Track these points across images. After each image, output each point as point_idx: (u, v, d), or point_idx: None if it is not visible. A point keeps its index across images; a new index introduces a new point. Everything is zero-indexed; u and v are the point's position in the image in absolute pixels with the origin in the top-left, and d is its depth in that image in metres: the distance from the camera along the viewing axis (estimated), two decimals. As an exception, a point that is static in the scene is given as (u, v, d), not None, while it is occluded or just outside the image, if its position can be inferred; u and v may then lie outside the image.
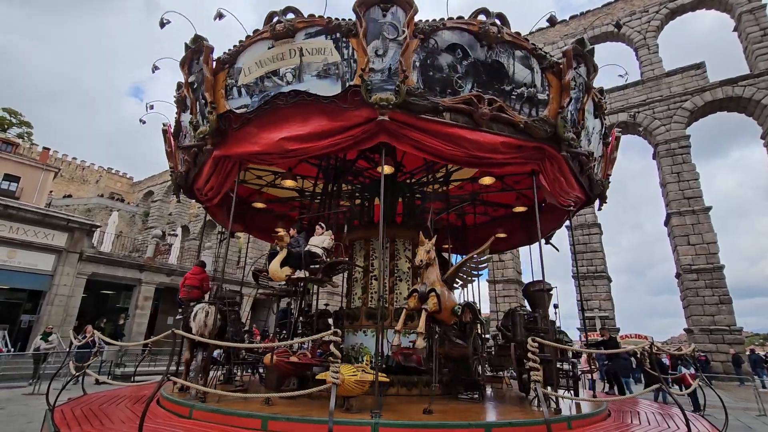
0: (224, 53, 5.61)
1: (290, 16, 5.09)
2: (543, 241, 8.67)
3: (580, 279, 23.21)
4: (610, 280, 24.16)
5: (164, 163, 7.57)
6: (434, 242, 5.27)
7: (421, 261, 5.07)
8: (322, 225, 6.23)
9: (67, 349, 12.22)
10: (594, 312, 22.81)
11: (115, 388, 6.76)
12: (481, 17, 5.03)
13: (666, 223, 23.31)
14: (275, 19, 5.11)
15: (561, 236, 8.87)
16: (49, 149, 45.92)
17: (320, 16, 5.05)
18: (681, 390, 11.20)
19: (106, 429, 4.11)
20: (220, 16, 5.56)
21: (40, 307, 16.05)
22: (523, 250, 11.25)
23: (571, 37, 28.63)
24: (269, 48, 5.21)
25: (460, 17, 5.08)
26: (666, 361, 13.27)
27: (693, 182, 22.05)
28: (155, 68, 6.39)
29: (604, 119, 6.89)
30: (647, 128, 24.18)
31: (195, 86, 5.87)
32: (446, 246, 9.58)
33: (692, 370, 10.43)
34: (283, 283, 6.19)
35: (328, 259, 5.94)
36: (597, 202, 7.70)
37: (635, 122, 24.46)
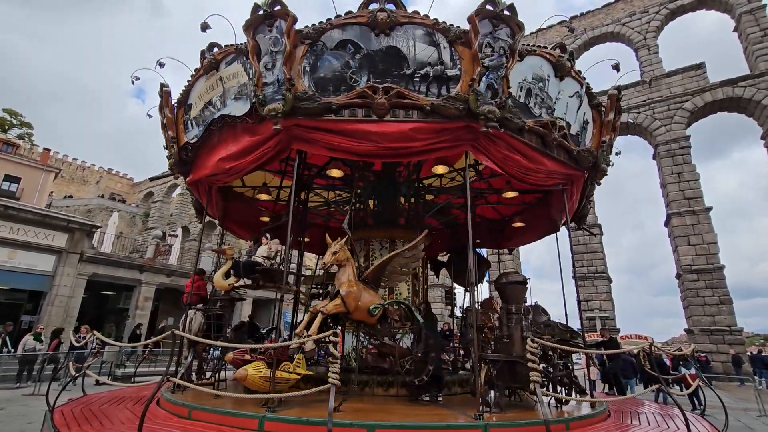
0: (179, 94, 6.42)
1: (215, 50, 5.72)
2: (575, 225, 8.06)
3: (579, 279, 23.19)
4: (610, 281, 24.16)
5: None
6: (344, 242, 5.28)
7: (324, 264, 5.13)
8: (267, 236, 6.51)
9: (65, 351, 12.22)
10: (594, 312, 22.82)
11: (116, 389, 6.76)
12: (373, 6, 4.94)
13: (666, 224, 23.31)
14: (205, 56, 5.79)
15: (561, 236, 8.27)
16: (49, 150, 45.99)
17: (232, 45, 5.51)
18: (681, 390, 11.21)
19: (106, 429, 4.11)
20: (161, 65, 6.14)
21: (41, 307, 16.06)
22: (523, 250, 11.21)
23: (572, 38, 28.68)
24: (204, 82, 5.89)
25: (348, 12, 5.04)
26: (667, 361, 13.26)
27: (693, 183, 22.06)
28: (150, 114, 6.75)
29: (581, 79, 5.93)
30: (647, 129, 24.20)
31: (167, 126, 6.62)
32: (477, 241, 9.62)
33: (692, 371, 10.43)
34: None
35: (269, 266, 6.23)
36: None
37: (636, 123, 24.48)
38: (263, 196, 8.01)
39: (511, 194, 7.90)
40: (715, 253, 20.64)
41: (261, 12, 5.00)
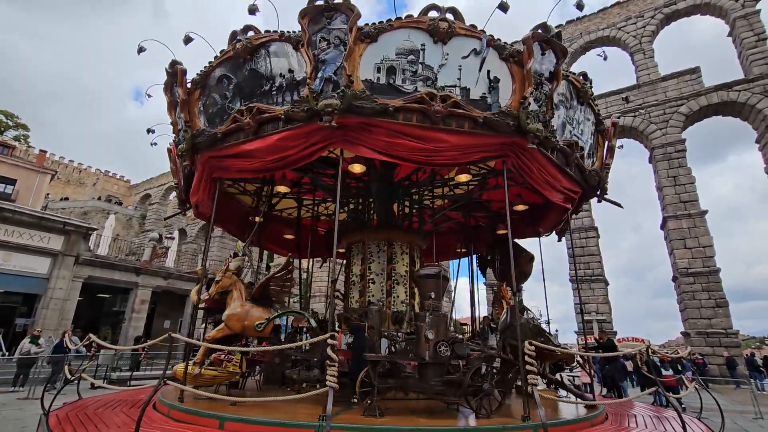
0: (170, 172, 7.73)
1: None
2: (596, 200, 7.23)
3: (578, 282, 23.25)
4: (607, 284, 24.21)
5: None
6: (225, 270, 5.99)
7: (209, 295, 5.84)
8: (232, 255, 7.28)
9: (50, 354, 12.11)
10: (592, 315, 22.85)
11: (111, 393, 6.72)
12: (238, 38, 5.39)
13: (662, 227, 23.41)
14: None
15: (553, 240, 8.10)
16: (45, 152, 45.69)
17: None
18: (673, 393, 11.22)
19: (102, 433, 4.09)
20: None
21: (36, 310, 15.95)
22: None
23: (568, 42, 28.86)
24: None
25: (222, 50, 5.66)
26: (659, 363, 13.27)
27: (689, 186, 22.18)
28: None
29: (479, 34, 5.14)
30: (643, 132, 24.34)
31: (173, 174, 7.66)
32: (503, 232, 9.40)
33: (670, 372, 10.45)
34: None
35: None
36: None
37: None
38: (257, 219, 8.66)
39: (464, 177, 7.20)
40: (711, 256, 20.73)
41: (169, 73, 5.90)
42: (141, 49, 6.10)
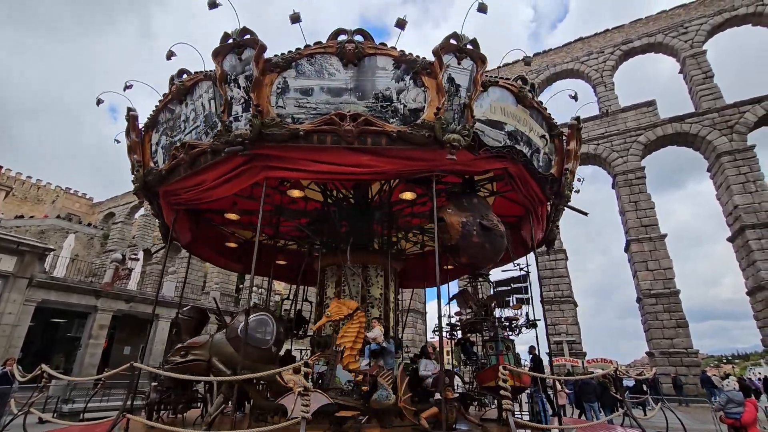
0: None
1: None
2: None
3: (545, 304, 23.68)
4: (575, 305, 24.80)
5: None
6: None
7: None
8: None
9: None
10: (561, 336, 23.24)
11: (61, 428, 6.22)
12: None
13: (626, 249, 24.42)
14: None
15: (529, 262, 8.52)
16: (0, 167, 43.35)
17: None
18: (645, 414, 11.46)
19: (51, 475, 3.76)
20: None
21: (-20, 337, 14.72)
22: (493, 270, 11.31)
23: (535, 73, 30.40)
24: None
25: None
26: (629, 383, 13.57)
27: (649, 211, 23.37)
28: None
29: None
30: (606, 159, 25.64)
31: None
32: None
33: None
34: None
35: None
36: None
37: (596, 153, 25.87)
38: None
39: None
40: (672, 278, 21.69)
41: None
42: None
